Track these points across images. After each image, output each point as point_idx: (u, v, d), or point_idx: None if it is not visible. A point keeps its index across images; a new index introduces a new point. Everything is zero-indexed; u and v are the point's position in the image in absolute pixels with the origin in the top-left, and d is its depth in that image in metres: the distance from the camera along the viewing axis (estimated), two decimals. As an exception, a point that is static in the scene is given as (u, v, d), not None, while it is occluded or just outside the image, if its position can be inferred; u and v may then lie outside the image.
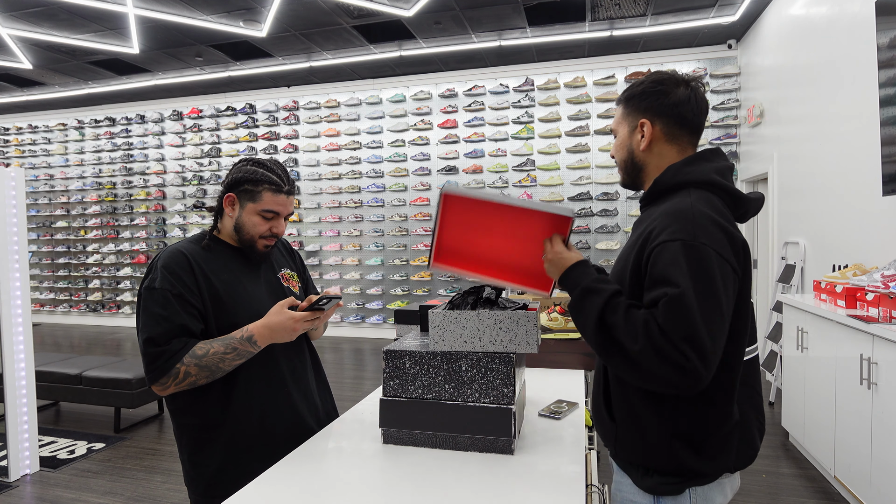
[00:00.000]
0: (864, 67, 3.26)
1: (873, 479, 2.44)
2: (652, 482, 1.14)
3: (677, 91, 1.18)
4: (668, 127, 1.20)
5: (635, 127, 1.22)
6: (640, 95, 1.21)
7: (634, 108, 1.22)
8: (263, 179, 1.43)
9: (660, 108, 1.19)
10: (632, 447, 1.15)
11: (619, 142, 1.26)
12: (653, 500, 1.14)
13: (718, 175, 1.15)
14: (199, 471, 1.41)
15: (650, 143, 1.21)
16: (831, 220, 3.81)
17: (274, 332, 1.36)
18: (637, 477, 1.16)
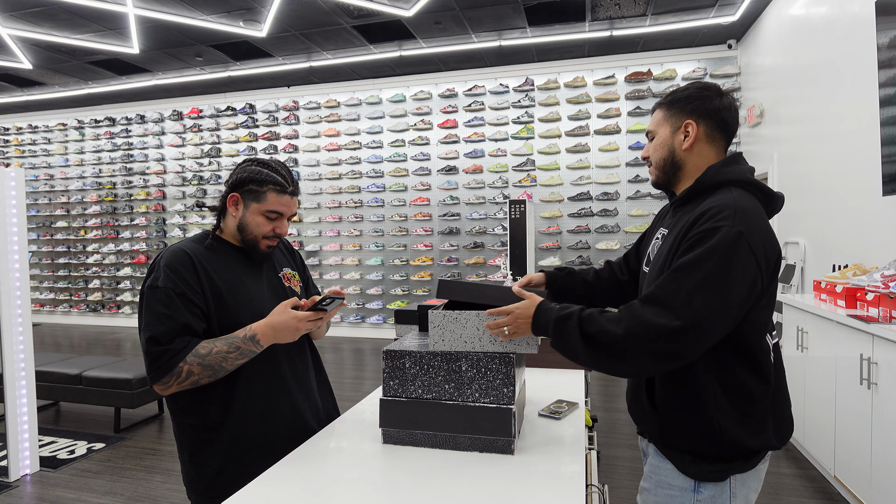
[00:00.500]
0: (864, 67, 3.26)
1: (873, 479, 2.44)
2: (699, 469, 1.20)
3: (721, 98, 1.27)
4: (710, 129, 1.28)
5: (679, 127, 1.29)
6: (687, 99, 1.29)
7: (680, 110, 1.29)
8: (268, 180, 1.43)
9: (705, 111, 1.27)
10: (680, 433, 1.21)
11: (660, 142, 1.32)
12: (693, 486, 1.20)
13: (752, 176, 1.25)
14: (200, 471, 1.41)
15: (693, 142, 1.28)
16: (831, 220, 3.81)
17: (277, 331, 1.36)
18: (684, 463, 1.21)
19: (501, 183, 6.92)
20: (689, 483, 1.21)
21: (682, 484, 1.22)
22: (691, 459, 1.20)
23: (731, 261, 1.08)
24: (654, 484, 1.27)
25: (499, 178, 6.93)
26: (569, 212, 6.69)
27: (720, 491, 1.19)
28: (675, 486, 1.23)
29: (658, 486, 1.26)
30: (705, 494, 1.20)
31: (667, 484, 1.24)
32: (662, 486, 1.25)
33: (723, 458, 1.18)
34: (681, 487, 1.22)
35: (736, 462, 1.19)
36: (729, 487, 1.19)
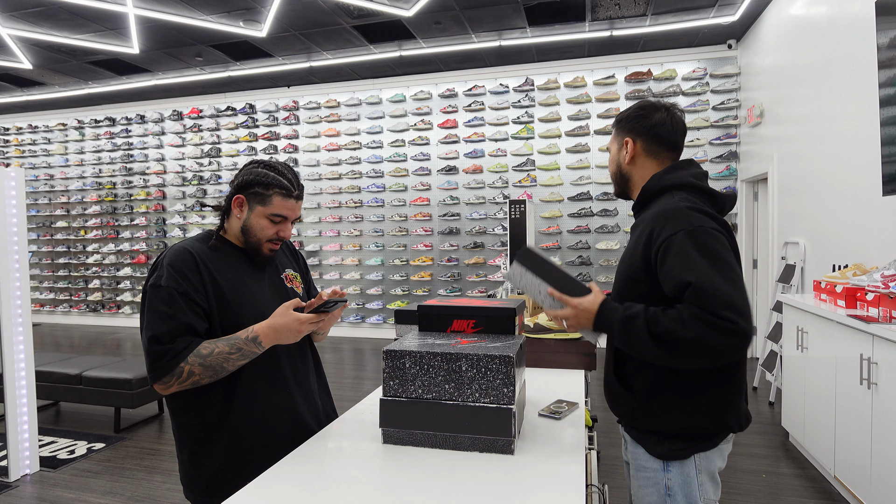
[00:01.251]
0: (864, 67, 3.26)
1: (873, 479, 2.44)
2: (663, 449, 1.33)
3: (655, 115, 1.43)
4: (647, 144, 1.44)
5: (622, 145, 1.48)
6: (626, 119, 1.47)
7: (621, 129, 1.48)
8: (274, 183, 1.43)
9: (640, 129, 1.44)
10: (650, 414, 1.34)
11: (611, 158, 1.54)
12: (662, 466, 1.34)
13: (695, 179, 1.38)
14: (199, 471, 1.40)
15: (633, 157, 1.46)
16: (831, 220, 3.81)
17: (279, 333, 1.36)
18: (650, 445, 1.35)
19: (501, 183, 6.92)
20: (658, 464, 1.35)
21: (654, 465, 1.36)
22: (656, 440, 1.34)
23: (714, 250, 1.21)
24: (635, 469, 1.41)
25: (499, 178, 6.93)
26: (569, 212, 6.69)
27: (687, 468, 1.33)
28: (648, 468, 1.37)
29: (637, 471, 1.40)
30: (674, 472, 1.34)
31: (643, 467, 1.38)
32: (640, 469, 1.39)
33: (682, 437, 1.32)
34: (653, 469, 1.36)
35: (697, 441, 1.32)
36: (693, 465, 1.33)
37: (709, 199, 1.35)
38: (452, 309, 1.55)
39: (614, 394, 1.43)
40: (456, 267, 7.11)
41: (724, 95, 6.18)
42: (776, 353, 4.40)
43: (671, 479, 1.34)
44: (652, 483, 1.36)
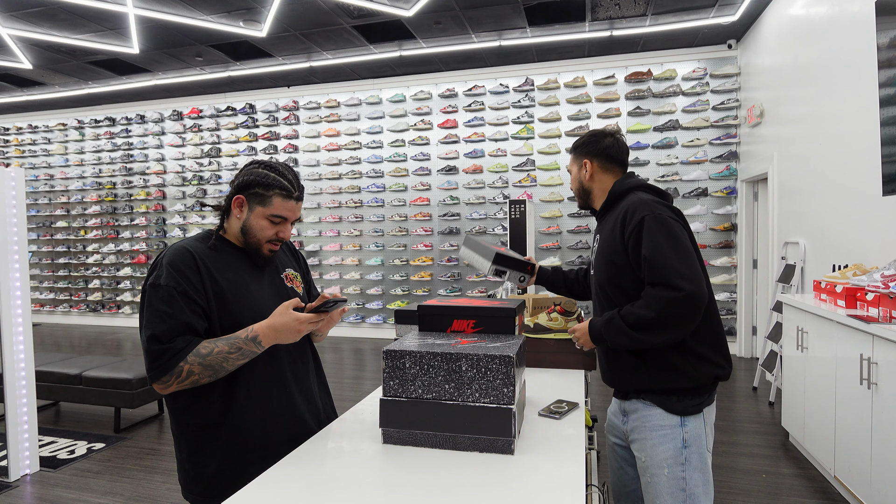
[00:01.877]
0: (864, 67, 3.26)
1: (873, 479, 2.44)
2: (683, 406, 1.55)
3: (605, 140, 1.76)
4: (602, 163, 1.77)
5: (581, 165, 1.79)
6: (582, 145, 1.79)
7: (579, 153, 1.81)
8: (275, 184, 1.43)
9: (595, 151, 1.77)
10: (665, 377, 1.55)
11: (573, 177, 1.85)
12: (680, 421, 1.56)
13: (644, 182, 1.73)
14: (199, 471, 1.40)
15: (591, 175, 1.78)
16: (831, 220, 3.81)
17: (278, 332, 1.36)
18: (670, 403, 1.56)
19: (501, 183, 6.92)
20: (676, 420, 1.56)
21: (672, 422, 1.56)
22: (677, 398, 1.56)
23: (670, 235, 1.51)
24: (649, 430, 1.59)
25: (499, 178, 6.93)
26: (569, 212, 6.69)
27: (699, 422, 1.57)
28: (665, 425, 1.56)
29: (652, 431, 1.58)
30: (690, 426, 1.56)
31: (658, 426, 1.57)
32: (655, 428, 1.58)
33: (697, 391, 1.56)
34: (671, 425, 1.56)
35: (705, 395, 1.57)
36: (703, 418, 1.58)
37: (660, 196, 1.68)
38: (452, 309, 1.55)
39: (625, 368, 1.62)
40: (456, 267, 7.11)
41: (724, 95, 6.18)
42: (776, 353, 4.40)
43: (688, 432, 1.55)
44: (669, 439, 1.55)
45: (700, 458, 1.55)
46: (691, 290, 1.43)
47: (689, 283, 1.43)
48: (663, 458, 1.55)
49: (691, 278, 1.44)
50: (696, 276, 1.45)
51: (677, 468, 1.54)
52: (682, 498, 1.53)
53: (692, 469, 1.54)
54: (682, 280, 1.44)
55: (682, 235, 1.52)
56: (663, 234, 1.50)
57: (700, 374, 1.54)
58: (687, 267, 1.46)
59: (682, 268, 1.45)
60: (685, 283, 1.43)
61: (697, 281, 1.44)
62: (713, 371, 1.56)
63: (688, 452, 1.54)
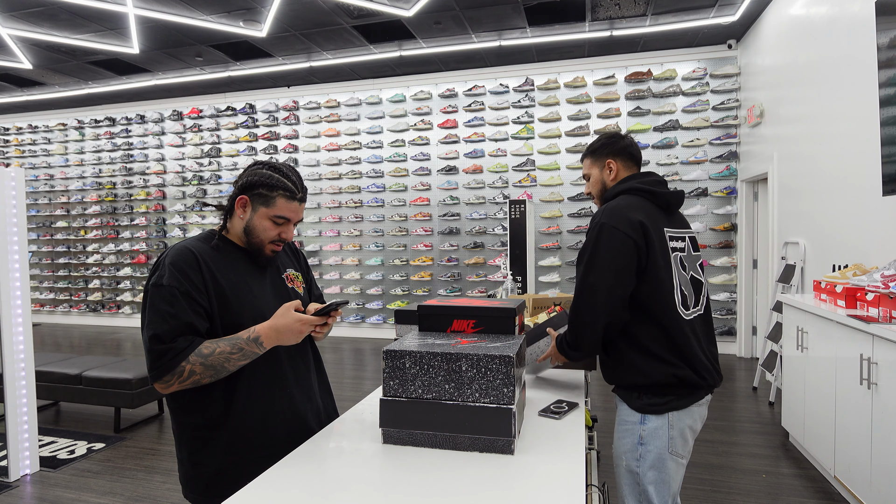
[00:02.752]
0: (864, 67, 3.26)
1: (873, 479, 2.44)
2: (642, 403, 1.60)
3: (624, 140, 1.80)
4: (624, 162, 1.78)
5: (604, 166, 1.80)
6: (602, 146, 1.80)
7: (600, 154, 1.81)
8: (279, 185, 1.43)
9: (617, 151, 1.78)
10: (624, 373, 1.63)
11: (595, 179, 1.83)
12: (640, 419, 1.61)
13: (639, 183, 1.70)
14: (199, 470, 1.40)
15: (616, 174, 1.78)
16: (831, 220, 3.81)
17: (280, 333, 1.36)
18: (632, 399, 1.63)
19: (501, 183, 6.92)
20: (637, 416, 1.61)
21: (633, 418, 1.62)
22: (637, 395, 1.61)
23: (599, 243, 1.57)
24: (617, 423, 1.69)
25: (499, 178, 6.93)
26: (569, 212, 6.69)
27: (661, 423, 1.59)
28: (628, 421, 1.64)
29: (619, 425, 1.68)
30: (649, 426, 1.59)
31: (623, 420, 1.66)
32: (621, 423, 1.67)
33: (657, 391, 1.58)
34: (632, 422, 1.62)
35: (669, 398, 1.58)
36: (667, 421, 1.59)
37: (650, 195, 1.68)
38: (452, 309, 1.55)
39: (603, 362, 1.73)
40: (456, 267, 7.11)
41: (724, 95, 6.18)
42: (776, 353, 4.40)
43: (646, 430, 1.60)
44: (629, 434, 1.63)
45: (657, 457, 1.59)
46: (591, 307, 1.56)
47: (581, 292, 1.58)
48: (622, 451, 1.65)
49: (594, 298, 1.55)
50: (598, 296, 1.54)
51: (632, 462, 1.61)
52: (638, 491, 1.61)
53: (646, 466, 1.59)
54: (585, 297, 1.58)
55: (615, 249, 1.55)
56: (592, 245, 1.58)
57: (655, 373, 1.57)
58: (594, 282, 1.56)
59: (592, 280, 1.56)
60: (586, 300, 1.57)
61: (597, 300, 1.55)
62: (669, 370, 1.57)
63: (643, 449, 1.59)
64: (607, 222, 1.57)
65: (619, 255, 1.55)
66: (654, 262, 1.58)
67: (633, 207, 1.61)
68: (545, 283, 6.70)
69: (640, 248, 1.56)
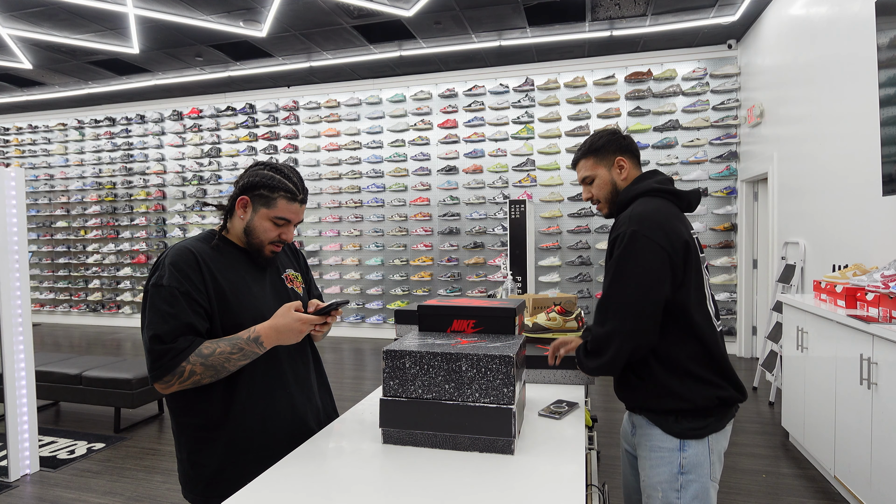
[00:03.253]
0: (864, 67, 3.26)
1: (873, 479, 2.44)
2: (682, 427, 1.45)
3: (623, 136, 1.64)
4: (632, 159, 1.62)
5: (612, 165, 1.62)
6: (607, 143, 1.62)
7: (606, 153, 1.62)
8: (280, 187, 1.43)
9: (623, 147, 1.62)
10: (660, 397, 1.46)
11: (601, 182, 1.63)
12: (679, 445, 1.45)
13: (658, 184, 1.55)
14: (198, 470, 1.40)
15: (628, 173, 1.61)
16: (831, 220, 3.81)
17: (280, 333, 1.36)
18: (668, 424, 1.46)
19: (501, 183, 6.92)
20: (675, 443, 1.46)
21: (670, 444, 1.46)
22: (675, 419, 1.45)
23: (632, 255, 1.40)
24: (648, 450, 1.51)
25: (499, 178, 6.93)
26: (569, 212, 6.68)
27: (701, 448, 1.45)
28: (664, 447, 1.47)
29: (651, 451, 1.50)
30: (689, 452, 1.45)
31: (657, 447, 1.48)
32: (654, 450, 1.49)
33: (698, 414, 1.44)
34: (669, 448, 1.46)
35: (710, 420, 1.45)
36: (707, 444, 1.45)
37: (673, 198, 1.54)
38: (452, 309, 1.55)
39: (628, 384, 1.54)
40: (456, 267, 7.11)
41: (724, 95, 6.18)
42: (776, 353, 4.40)
43: (686, 457, 1.44)
44: (666, 462, 1.46)
45: (700, 487, 1.44)
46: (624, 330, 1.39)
47: (622, 320, 1.40)
48: (658, 482, 1.48)
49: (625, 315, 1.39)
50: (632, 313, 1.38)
51: (671, 493, 1.45)
52: None
53: (688, 497, 1.44)
54: (616, 317, 1.41)
55: (649, 261, 1.40)
56: (624, 255, 1.42)
57: (697, 396, 1.44)
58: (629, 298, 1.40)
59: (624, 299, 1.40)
60: (618, 319, 1.40)
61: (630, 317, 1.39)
62: (713, 392, 1.44)
63: (684, 479, 1.45)
64: (639, 230, 1.41)
65: (652, 269, 1.40)
66: (689, 274, 1.44)
67: (665, 213, 1.47)
68: (545, 283, 6.70)
69: (674, 263, 1.41)
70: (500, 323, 1.51)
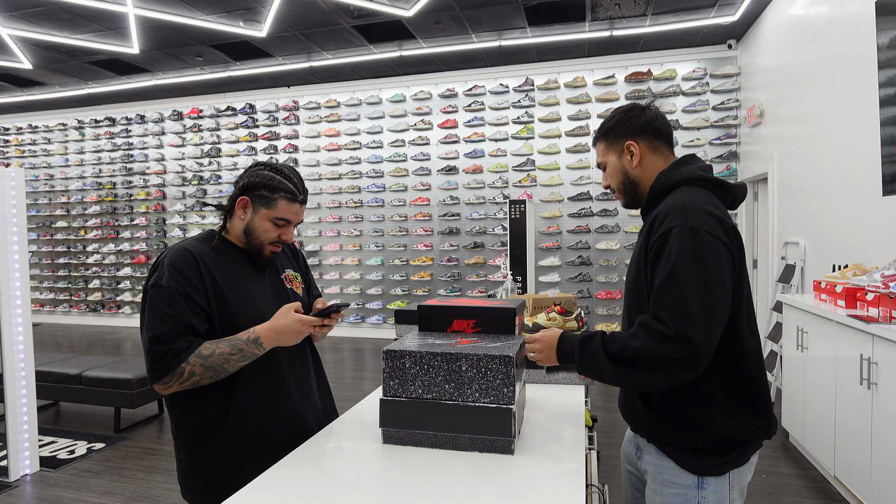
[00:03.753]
0: (864, 67, 3.26)
1: (873, 479, 2.44)
2: (700, 464, 1.25)
3: (645, 113, 1.39)
4: (649, 141, 1.38)
5: (622, 151, 1.40)
6: (618, 124, 1.40)
7: (615, 136, 1.40)
8: (280, 187, 1.43)
9: (638, 128, 1.38)
10: (679, 432, 1.26)
11: (612, 169, 1.43)
12: (697, 481, 1.26)
13: (703, 171, 1.33)
14: (197, 471, 1.40)
15: (640, 159, 1.38)
16: (831, 220, 3.81)
17: (280, 334, 1.36)
18: (685, 459, 1.27)
19: (501, 183, 6.92)
20: (692, 480, 1.26)
21: (686, 481, 1.27)
22: (692, 455, 1.26)
23: (699, 256, 1.16)
24: (660, 484, 1.31)
25: (499, 178, 6.93)
26: (569, 212, 6.69)
27: (722, 484, 1.26)
28: (679, 483, 1.28)
29: (663, 486, 1.30)
30: (709, 490, 1.25)
31: (671, 483, 1.29)
32: (667, 485, 1.29)
33: (719, 450, 1.25)
34: (685, 485, 1.27)
35: (732, 454, 1.25)
36: (728, 481, 1.26)
37: (720, 191, 1.32)
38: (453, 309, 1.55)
39: (634, 409, 1.36)
40: (456, 267, 7.11)
41: (724, 95, 6.18)
42: (776, 353, 4.40)
43: (705, 496, 1.26)
44: (682, 500, 1.27)
45: None
46: (698, 346, 1.12)
47: (699, 334, 1.12)
48: None
49: (703, 328, 1.12)
50: (709, 326, 1.13)
51: None
52: None
53: None
54: (692, 328, 1.12)
55: (717, 262, 1.16)
56: (689, 255, 1.15)
57: (725, 432, 1.23)
58: (703, 310, 1.13)
59: (697, 310, 1.12)
60: (695, 332, 1.12)
61: (708, 332, 1.13)
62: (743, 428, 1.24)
63: None
64: (700, 227, 1.17)
65: (722, 274, 1.17)
66: (742, 282, 1.24)
67: (718, 207, 1.25)
68: (545, 283, 6.70)
69: (734, 263, 1.22)
70: (500, 323, 1.51)
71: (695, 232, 1.17)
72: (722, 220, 1.22)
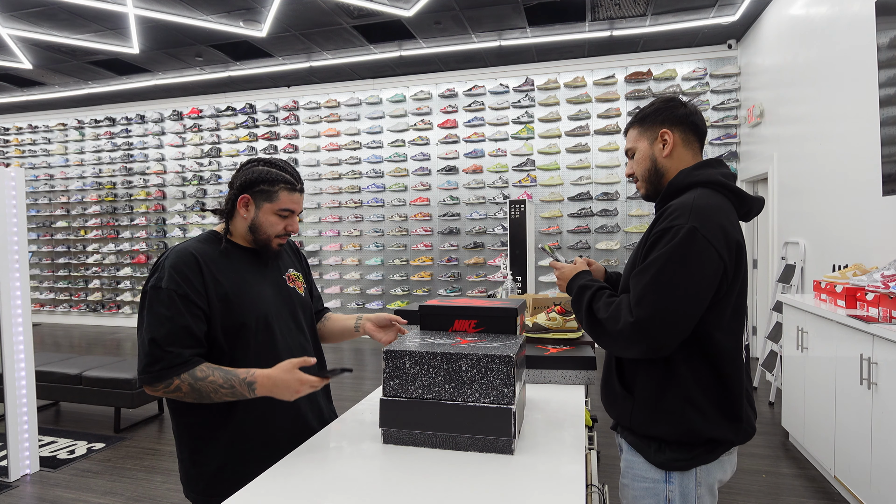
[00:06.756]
0: (864, 67, 3.26)
1: (873, 479, 2.44)
2: (665, 457, 1.30)
3: (686, 106, 1.40)
4: (684, 134, 1.39)
5: (655, 138, 1.40)
6: (656, 111, 1.41)
7: (652, 122, 1.41)
8: (279, 179, 1.44)
9: (676, 119, 1.39)
10: (648, 418, 1.31)
11: (641, 155, 1.43)
12: (664, 475, 1.31)
13: (724, 178, 1.34)
14: (199, 469, 1.40)
15: (672, 148, 1.39)
16: (831, 220, 3.81)
17: (276, 387, 1.33)
18: (650, 453, 1.32)
19: (501, 183, 6.92)
20: (660, 474, 1.32)
21: (655, 476, 1.33)
22: (657, 447, 1.31)
23: (685, 256, 1.20)
24: (631, 479, 1.38)
25: (499, 178, 6.93)
26: (569, 212, 6.69)
27: (688, 480, 1.30)
28: (648, 477, 1.34)
29: (634, 480, 1.37)
30: (676, 484, 1.31)
31: (641, 477, 1.35)
32: (637, 479, 1.36)
33: (683, 444, 1.29)
34: (653, 479, 1.33)
35: (698, 450, 1.29)
36: (694, 477, 1.30)
37: (736, 199, 1.33)
38: (454, 309, 1.55)
39: (613, 395, 1.40)
40: (456, 267, 7.11)
41: (724, 95, 6.18)
42: (776, 353, 4.40)
43: (672, 490, 1.30)
44: (652, 494, 1.32)
45: None
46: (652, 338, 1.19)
47: (640, 312, 1.19)
48: None
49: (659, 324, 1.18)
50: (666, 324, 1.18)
51: None
52: None
53: None
54: (636, 306, 1.20)
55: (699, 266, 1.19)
56: (676, 252, 1.20)
57: (691, 427, 1.27)
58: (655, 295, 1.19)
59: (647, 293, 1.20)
60: (637, 310, 1.20)
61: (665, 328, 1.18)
62: (703, 428, 1.26)
63: None
64: (700, 229, 1.20)
65: (703, 279, 1.20)
66: (730, 297, 1.27)
67: (727, 215, 1.27)
68: (545, 283, 6.70)
69: (726, 275, 1.24)
70: (501, 323, 1.51)
71: (691, 232, 1.20)
72: (726, 230, 1.23)
